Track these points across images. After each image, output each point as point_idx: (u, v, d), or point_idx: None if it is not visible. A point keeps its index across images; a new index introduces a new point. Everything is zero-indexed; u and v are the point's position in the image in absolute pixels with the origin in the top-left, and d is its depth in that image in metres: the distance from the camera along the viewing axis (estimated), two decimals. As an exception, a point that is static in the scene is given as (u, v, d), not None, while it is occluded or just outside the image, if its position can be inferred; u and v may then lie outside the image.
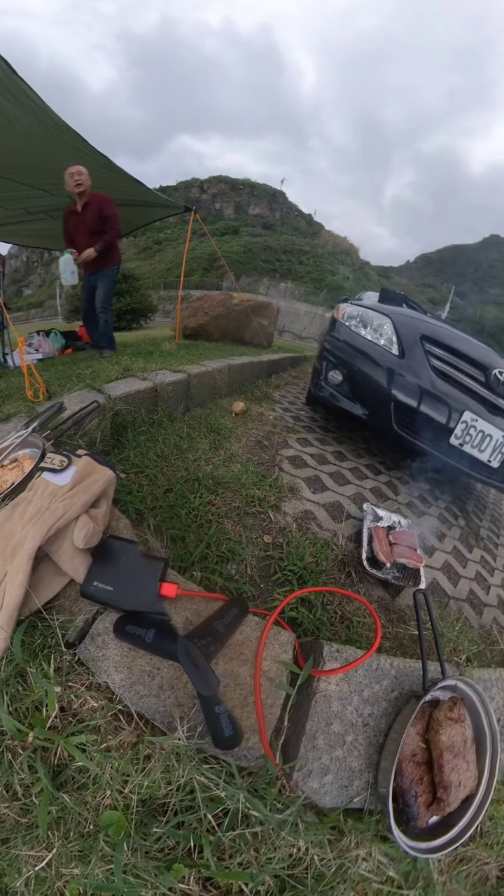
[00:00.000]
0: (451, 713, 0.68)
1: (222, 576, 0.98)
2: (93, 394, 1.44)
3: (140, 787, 0.53)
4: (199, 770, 0.55)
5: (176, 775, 0.54)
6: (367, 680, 0.72)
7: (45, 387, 1.44)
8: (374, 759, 0.65)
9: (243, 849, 0.51)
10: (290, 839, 0.52)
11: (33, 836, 0.49)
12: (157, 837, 0.51)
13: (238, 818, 0.53)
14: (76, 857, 0.48)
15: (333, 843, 0.55)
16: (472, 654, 0.97)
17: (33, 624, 0.68)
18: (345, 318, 2.03)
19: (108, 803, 0.52)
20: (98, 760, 0.55)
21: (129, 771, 0.55)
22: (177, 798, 0.54)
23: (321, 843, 0.53)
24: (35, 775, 0.53)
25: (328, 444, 2.04)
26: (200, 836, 0.51)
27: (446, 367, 1.73)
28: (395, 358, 1.77)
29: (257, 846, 0.52)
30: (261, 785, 0.57)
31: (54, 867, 0.48)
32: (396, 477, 1.98)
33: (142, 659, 0.68)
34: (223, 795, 0.54)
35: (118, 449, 1.36)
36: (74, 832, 0.50)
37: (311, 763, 0.62)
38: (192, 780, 0.54)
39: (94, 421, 1.29)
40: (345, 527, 1.34)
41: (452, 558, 1.50)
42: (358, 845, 0.55)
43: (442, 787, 0.62)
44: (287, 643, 0.75)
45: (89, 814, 0.51)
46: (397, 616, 1.07)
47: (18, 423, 1.20)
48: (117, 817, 0.50)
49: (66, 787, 0.54)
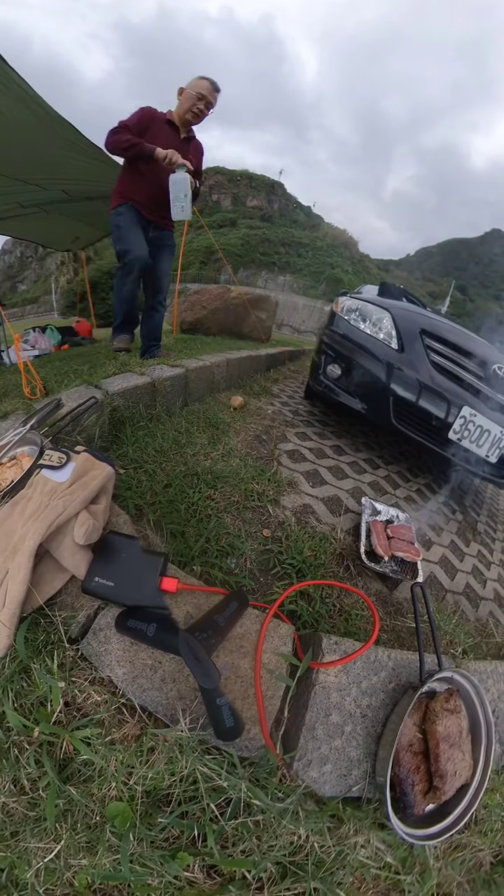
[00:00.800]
0: (447, 704, 0.69)
1: (222, 570, 0.99)
2: (90, 390, 1.44)
3: (144, 779, 0.54)
4: (201, 761, 0.56)
5: (179, 766, 0.55)
6: (365, 671, 0.73)
7: (41, 383, 1.43)
8: (373, 748, 0.67)
9: (246, 837, 0.52)
10: (291, 827, 0.53)
11: (42, 829, 0.50)
12: (161, 827, 0.52)
13: (240, 807, 0.54)
14: (84, 848, 0.50)
15: (333, 830, 0.57)
16: (469, 647, 0.99)
17: (36, 621, 0.68)
18: (344, 312, 2.02)
19: (114, 795, 0.53)
20: (103, 753, 0.55)
21: (133, 763, 0.56)
22: (180, 788, 0.55)
23: (321, 830, 0.55)
24: (42, 769, 0.53)
25: (327, 439, 2.04)
26: (204, 825, 0.52)
27: (445, 362, 1.73)
28: (395, 352, 1.76)
29: (259, 834, 0.53)
30: (262, 775, 0.58)
31: (63, 858, 0.49)
32: (395, 471, 1.99)
33: (144, 653, 0.69)
34: (225, 785, 0.55)
35: (117, 445, 1.36)
36: (81, 824, 0.51)
37: (311, 753, 0.63)
38: (195, 771, 0.55)
39: (93, 417, 1.28)
40: (343, 521, 1.35)
41: (450, 552, 1.52)
42: (357, 833, 0.57)
43: (438, 776, 0.63)
44: (286, 636, 0.76)
45: (95, 805, 0.52)
46: (395, 609, 1.08)
47: (16, 421, 1.19)
48: (123, 808, 0.51)
49: (72, 780, 0.55)
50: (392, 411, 1.73)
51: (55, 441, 1.08)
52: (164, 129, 2.00)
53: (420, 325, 1.82)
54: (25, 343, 4.47)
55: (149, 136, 1.95)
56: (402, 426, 1.74)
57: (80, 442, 1.14)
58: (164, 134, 1.99)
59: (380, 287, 2.92)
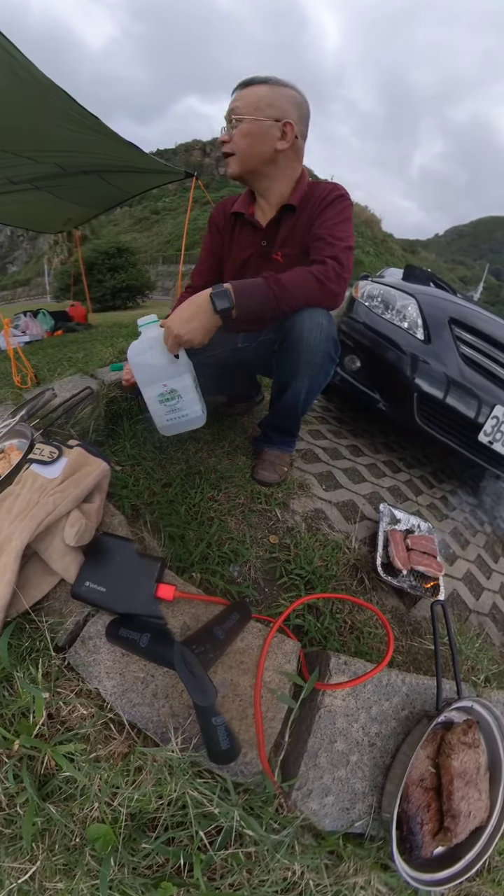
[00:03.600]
0: (464, 737, 0.68)
1: (224, 578, 1.00)
2: (85, 379, 1.45)
3: (130, 800, 0.55)
4: (192, 784, 0.57)
5: (168, 789, 0.56)
6: (376, 696, 0.72)
7: (33, 372, 1.45)
8: (380, 781, 0.66)
9: (235, 869, 0.53)
10: (286, 861, 0.53)
11: (17, 848, 0.51)
12: (145, 853, 0.53)
13: (231, 837, 0.54)
14: (61, 871, 0.51)
15: (331, 868, 0.56)
16: (492, 675, 0.97)
17: (21, 626, 0.70)
18: (364, 298, 2.00)
19: (96, 816, 0.54)
20: (86, 771, 0.56)
21: (118, 783, 0.56)
22: (168, 813, 0.55)
23: (318, 867, 0.55)
24: (20, 785, 0.55)
25: (343, 438, 2.02)
26: (191, 853, 0.53)
27: (477, 355, 1.70)
28: (420, 343, 1.74)
29: (250, 867, 0.53)
30: (257, 803, 0.59)
31: (38, 880, 0.50)
32: (417, 476, 1.96)
33: (135, 665, 0.69)
34: (217, 812, 0.55)
35: (113, 439, 1.37)
36: (60, 845, 0.52)
37: (312, 782, 0.63)
38: (184, 795, 0.56)
39: (87, 409, 1.29)
40: (359, 528, 1.34)
41: (476, 568, 1.49)
42: (357, 872, 0.57)
43: (450, 815, 0.62)
44: (291, 653, 0.76)
45: (76, 826, 0.53)
46: (412, 628, 1.07)
47: (5, 412, 1.21)
48: (105, 831, 0.52)
49: (52, 798, 0.56)
50: (416, 409, 1.70)
51: (46, 434, 1.10)
52: (236, 234, 1.26)
53: (449, 313, 1.79)
54: (16, 328, 4.54)
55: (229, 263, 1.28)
56: (426, 426, 1.71)
57: (74, 436, 1.16)
58: (237, 243, 1.26)
59: (405, 270, 2.88)
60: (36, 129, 2.92)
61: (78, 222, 6.27)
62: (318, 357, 1.08)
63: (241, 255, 1.23)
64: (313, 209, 1.12)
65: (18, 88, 2.48)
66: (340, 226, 1.08)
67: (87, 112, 2.82)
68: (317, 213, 1.11)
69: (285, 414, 1.27)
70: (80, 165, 3.91)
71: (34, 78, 2.41)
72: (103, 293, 13.58)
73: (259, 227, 1.19)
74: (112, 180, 4.47)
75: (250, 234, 1.21)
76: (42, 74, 2.40)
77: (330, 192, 1.12)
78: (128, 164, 3.92)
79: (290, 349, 1.08)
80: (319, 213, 1.11)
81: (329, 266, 1.00)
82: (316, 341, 1.04)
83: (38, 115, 2.79)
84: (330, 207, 1.10)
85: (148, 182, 4.72)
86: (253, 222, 1.19)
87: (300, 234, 1.14)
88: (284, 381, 1.16)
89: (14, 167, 3.66)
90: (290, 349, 1.08)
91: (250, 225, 1.20)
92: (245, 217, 1.20)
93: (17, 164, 3.61)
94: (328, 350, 1.08)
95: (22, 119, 2.84)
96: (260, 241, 1.20)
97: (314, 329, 1.03)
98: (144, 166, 4.07)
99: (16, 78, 2.38)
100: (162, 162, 4.24)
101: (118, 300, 14.46)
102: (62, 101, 2.67)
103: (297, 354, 1.07)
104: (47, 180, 4.19)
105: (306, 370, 1.10)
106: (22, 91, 2.51)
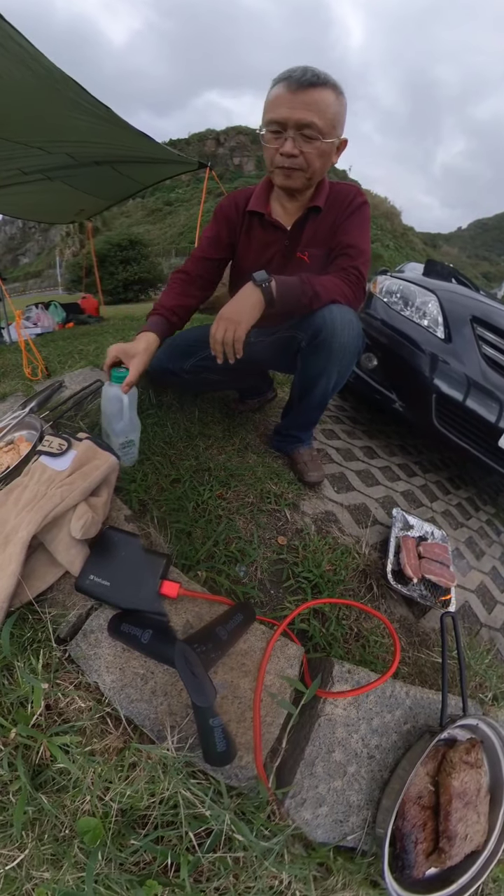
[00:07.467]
0: (467, 756, 0.66)
1: (229, 577, 0.99)
2: (96, 372, 1.46)
3: (122, 796, 0.56)
4: (185, 784, 0.57)
5: (160, 787, 0.56)
6: (378, 707, 0.71)
7: (43, 364, 1.47)
8: (376, 795, 0.65)
9: (222, 873, 0.53)
10: (274, 870, 0.53)
11: (7, 835, 0.53)
12: (133, 850, 0.53)
13: (221, 840, 0.55)
14: (48, 861, 0.52)
15: (319, 880, 0.56)
16: (500, 693, 0.95)
17: (23, 616, 0.71)
18: (383, 294, 1.96)
19: (87, 809, 0.55)
20: (81, 763, 0.57)
21: (111, 777, 0.57)
22: (159, 811, 0.56)
23: (306, 878, 0.54)
24: (14, 773, 0.56)
25: (357, 438, 1.99)
26: (179, 854, 0.53)
27: (500, 356, 1.65)
28: (440, 342, 1.69)
29: (237, 872, 0.53)
30: (249, 808, 0.59)
31: (25, 868, 0.51)
32: (433, 481, 1.92)
33: (135, 661, 0.70)
34: (208, 814, 0.55)
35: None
36: (49, 835, 0.53)
37: (307, 791, 0.63)
38: (176, 795, 0.56)
39: (97, 402, 1.31)
40: (370, 533, 1.32)
41: (490, 580, 1.46)
42: (345, 887, 0.56)
43: (446, 836, 0.61)
44: (294, 657, 0.76)
45: (66, 818, 0.54)
46: (420, 640, 1.05)
47: (15, 403, 1.23)
48: (94, 824, 0.52)
49: (44, 788, 0.57)
50: (434, 411, 1.66)
51: (56, 426, 1.11)
52: (253, 232, 1.23)
53: (471, 311, 1.74)
54: (27, 320, 4.60)
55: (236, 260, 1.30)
56: (444, 428, 1.67)
57: (83, 428, 1.17)
58: (256, 242, 1.23)
59: (426, 265, 2.80)
60: (47, 120, 2.93)
61: (90, 213, 6.27)
62: (349, 354, 1.11)
63: (262, 255, 1.23)
64: (338, 212, 1.15)
65: (29, 79, 2.48)
66: (364, 235, 1.16)
67: (98, 102, 2.81)
68: (342, 218, 1.15)
69: (313, 409, 1.30)
70: (91, 156, 3.91)
71: (45, 68, 2.40)
72: (115, 285, 13.72)
73: (282, 228, 1.18)
74: (124, 171, 4.48)
75: (271, 233, 1.21)
76: (52, 65, 2.38)
77: (354, 198, 1.16)
78: (140, 155, 3.91)
79: (322, 346, 1.10)
80: (345, 219, 1.15)
81: (352, 276, 1.10)
82: (349, 338, 1.08)
83: (49, 105, 2.80)
84: (355, 215, 1.15)
85: (161, 172, 4.70)
86: (274, 223, 1.18)
87: (324, 234, 1.17)
88: (313, 377, 1.18)
89: (25, 157, 3.70)
90: (321, 346, 1.10)
91: (271, 225, 1.19)
92: (265, 218, 1.19)
93: (28, 155, 3.64)
94: (358, 346, 1.13)
95: (33, 109, 2.85)
96: (283, 240, 1.20)
97: (346, 326, 1.07)
98: (157, 156, 4.06)
99: (26, 69, 2.38)
100: (175, 152, 4.21)
101: (130, 293, 14.57)
102: (73, 90, 2.66)
103: (330, 351, 1.10)
104: (59, 170, 4.23)
105: (336, 366, 1.14)
106: (33, 82, 2.51)
